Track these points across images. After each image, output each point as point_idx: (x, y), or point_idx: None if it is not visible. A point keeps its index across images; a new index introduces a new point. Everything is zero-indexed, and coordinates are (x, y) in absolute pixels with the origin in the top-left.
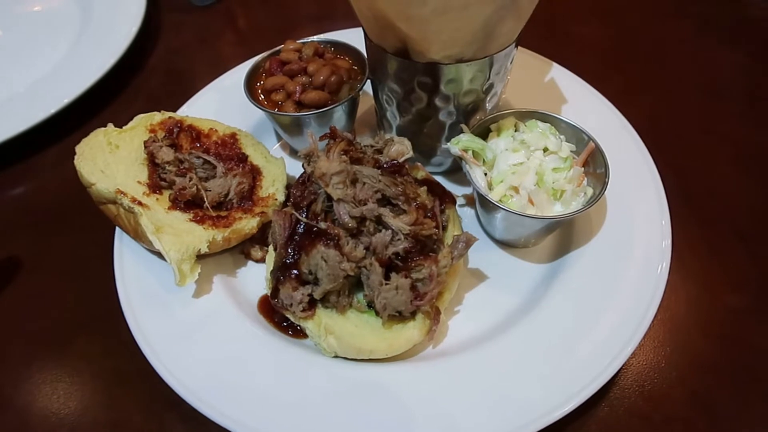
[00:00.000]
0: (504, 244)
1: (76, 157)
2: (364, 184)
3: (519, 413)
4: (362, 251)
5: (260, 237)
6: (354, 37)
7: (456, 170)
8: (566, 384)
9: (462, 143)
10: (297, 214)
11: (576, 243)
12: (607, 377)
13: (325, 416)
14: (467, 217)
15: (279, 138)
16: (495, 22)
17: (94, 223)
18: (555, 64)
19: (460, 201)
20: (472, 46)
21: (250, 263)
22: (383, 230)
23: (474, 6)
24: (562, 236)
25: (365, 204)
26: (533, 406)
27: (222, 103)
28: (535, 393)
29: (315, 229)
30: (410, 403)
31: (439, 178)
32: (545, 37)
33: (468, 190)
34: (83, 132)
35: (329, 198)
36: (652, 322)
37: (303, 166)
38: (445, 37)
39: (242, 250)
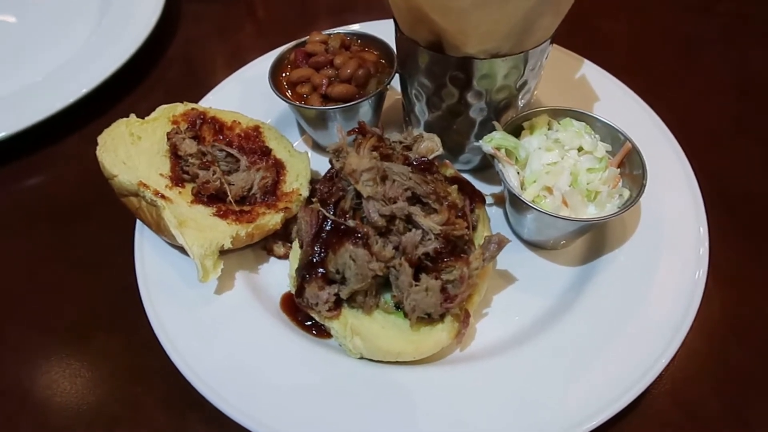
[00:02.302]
0: (533, 245)
1: (98, 147)
2: (394, 181)
3: (548, 423)
4: (391, 251)
5: (283, 233)
6: (380, 29)
7: (483, 168)
8: (597, 394)
9: (495, 141)
10: (324, 211)
11: (609, 246)
12: (641, 389)
13: (349, 418)
14: (494, 216)
15: (302, 132)
16: (534, 17)
17: (114, 215)
18: (586, 61)
19: (487, 200)
20: (509, 40)
21: (272, 260)
22: (413, 230)
23: None
24: (594, 238)
25: (395, 202)
26: (562, 416)
27: (245, 95)
28: (564, 402)
29: (343, 227)
30: (436, 408)
31: (466, 176)
32: (572, 32)
33: (494, 189)
34: (102, 122)
35: (358, 195)
36: (688, 330)
37: (331, 161)
38: (483, 30)
39: (264, 246)
